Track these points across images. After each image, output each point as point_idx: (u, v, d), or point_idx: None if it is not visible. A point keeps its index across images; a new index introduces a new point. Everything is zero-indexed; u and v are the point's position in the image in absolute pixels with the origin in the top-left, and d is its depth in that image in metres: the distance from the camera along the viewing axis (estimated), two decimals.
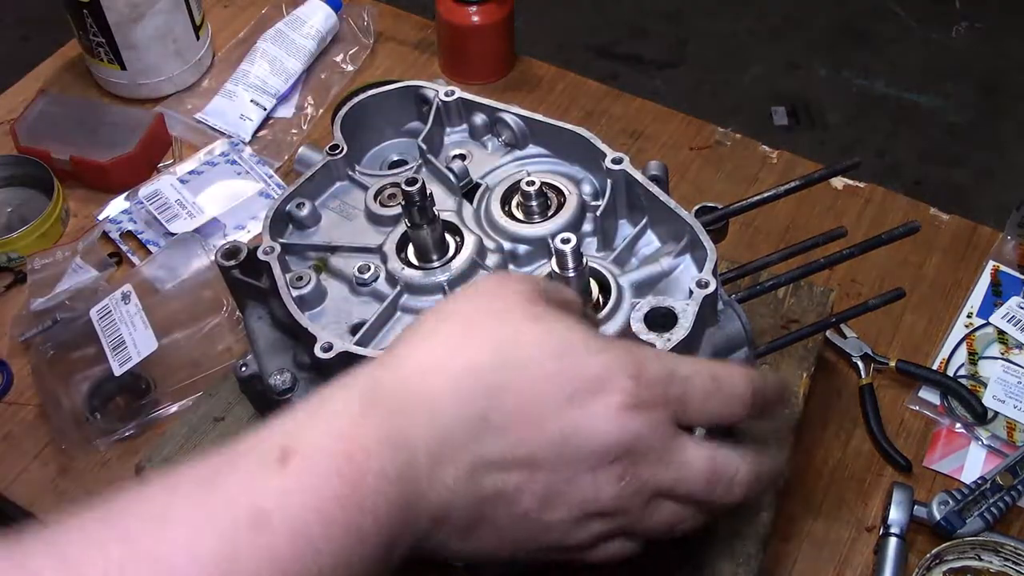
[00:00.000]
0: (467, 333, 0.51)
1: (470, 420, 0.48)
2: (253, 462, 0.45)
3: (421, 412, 0.48)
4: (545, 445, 0.49)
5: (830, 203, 1.08)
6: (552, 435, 0.49)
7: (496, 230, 0.72)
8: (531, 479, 0.49)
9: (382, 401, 0.48)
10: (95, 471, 0.91)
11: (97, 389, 0.94)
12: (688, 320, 0.62)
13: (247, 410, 0.81)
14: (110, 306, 0.94)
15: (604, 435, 0.49)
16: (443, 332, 0.51)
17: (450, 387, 0.49)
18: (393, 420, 0.47)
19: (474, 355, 0.50)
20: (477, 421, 0.48)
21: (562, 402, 0.49)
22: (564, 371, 0.49)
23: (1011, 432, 0.90)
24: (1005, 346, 0.96)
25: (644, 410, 0.50)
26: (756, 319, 0.90)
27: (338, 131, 0.79)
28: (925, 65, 2.60)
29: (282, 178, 1.12)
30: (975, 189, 2.32)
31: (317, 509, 0.43)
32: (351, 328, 0.69)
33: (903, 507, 0.83)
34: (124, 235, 1.07)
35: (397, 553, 0.47)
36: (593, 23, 2.69)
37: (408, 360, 0.51)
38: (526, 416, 0.49)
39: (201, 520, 0.42)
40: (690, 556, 0.76)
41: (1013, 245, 1.03)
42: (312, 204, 0.76)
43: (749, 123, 2.47)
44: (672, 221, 0.69)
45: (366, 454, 0.46)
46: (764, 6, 2.76)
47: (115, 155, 1.09)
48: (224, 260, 0.73)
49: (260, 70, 1.20)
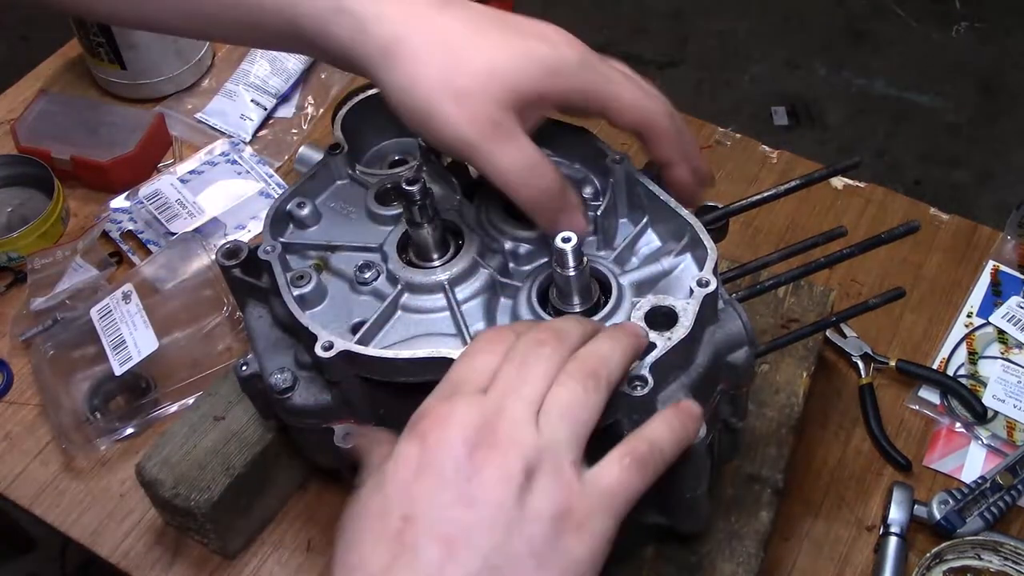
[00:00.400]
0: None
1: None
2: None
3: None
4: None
5: (830, 203, 1.08)
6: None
7: (497, 229, 0.72)
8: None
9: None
10: (95, 471, 0.91)
11: (97, 389, 0.94)
12: (689, 319, 0.62)
13: (247, 409, 0.81)
14: (110, 305, 0.95)
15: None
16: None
17: None
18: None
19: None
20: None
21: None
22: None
23: (1011, 432, 0.90)
24: (1005, 346, 0.96)
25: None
26: (756, 318, 0.90)
27: (338, 130, 0.79)
28: (925, 65, 2.60)
29: (282, 178, 1.12)
30: (975, 189, 2.32)
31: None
32: (352, 327, 0.69)
33: (903, 506, 0.83)
34: (124, 235, 1.07)
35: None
36: (593, 23, 2.70)
37: None
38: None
39: None
40: (690, 556, 0.76)
41: (1013, 245, 1.03)
42: (313, 203, 0.76)
43: (749, 123, 2.47)
44: (673, 220, 0.70)
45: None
46: (764, 6, 2.76)
47: (115, 155, 1.09)
48: (224, 259, 0.73)
49: (260, 70, 1.20)
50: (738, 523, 0.78)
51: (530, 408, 0.51)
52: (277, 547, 0.85)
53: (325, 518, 0.86)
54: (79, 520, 0.88)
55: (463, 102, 0.61)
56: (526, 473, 0.49)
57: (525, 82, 0.62)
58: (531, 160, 0.63)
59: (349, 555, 0.49)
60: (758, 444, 0.82)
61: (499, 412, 0.51)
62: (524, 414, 0.51)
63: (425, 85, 0.61)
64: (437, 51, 0.61)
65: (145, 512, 0.87)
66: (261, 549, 0.85)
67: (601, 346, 0.56)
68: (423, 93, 0.61)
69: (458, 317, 0.68)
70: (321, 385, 0.69)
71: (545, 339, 0.55)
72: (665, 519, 0.70)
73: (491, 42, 0.62)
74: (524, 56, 0.62)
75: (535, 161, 0.63)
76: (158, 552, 0.85)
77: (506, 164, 0.62)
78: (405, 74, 0.61)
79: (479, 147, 0.62)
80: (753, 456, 0.82)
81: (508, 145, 0.62)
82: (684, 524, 0.71)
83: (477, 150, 0.62)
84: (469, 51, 0.62)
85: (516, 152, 0.62)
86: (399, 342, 0.68)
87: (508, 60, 0.62)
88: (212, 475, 0.79)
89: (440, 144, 0.64)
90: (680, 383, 0.63)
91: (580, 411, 0.52)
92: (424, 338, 0.68)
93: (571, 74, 0.63)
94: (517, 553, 0.48)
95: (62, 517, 0.88)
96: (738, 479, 0.80)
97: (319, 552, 0.84)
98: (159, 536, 0.86)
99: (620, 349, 0.56)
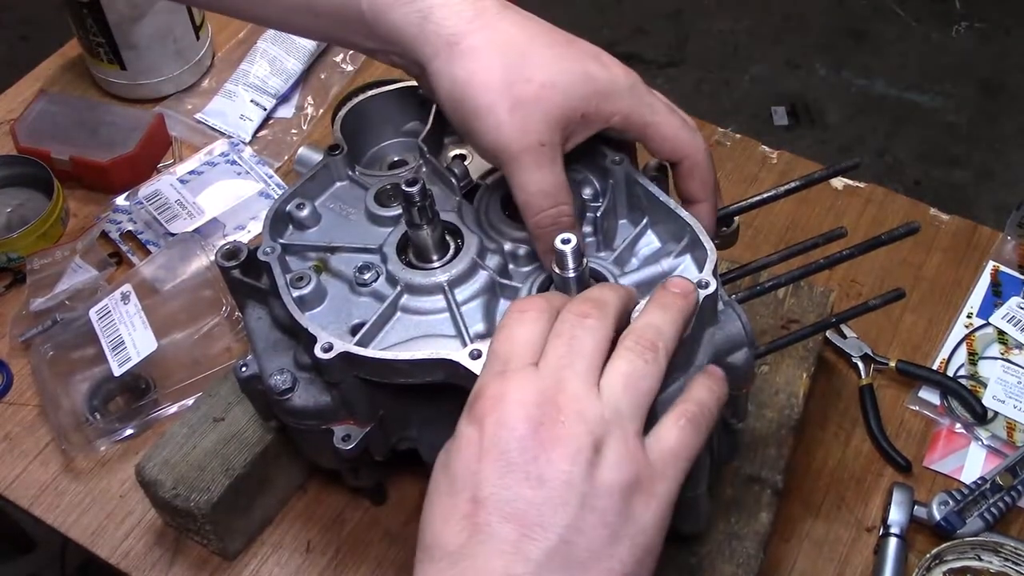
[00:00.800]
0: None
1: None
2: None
3: None
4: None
5: (830, 203, 1.08)
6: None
7: (496, 231, 0.72)
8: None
9: None
10: (95, 472, 0.91)
11: (97, 389, 0.94)
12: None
13: (247, 410, 0.81)
14: (110, 306, 0.94)
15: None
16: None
17: None
18: None
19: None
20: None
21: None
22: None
23: (1011, 432, 0.90)
24: (1005, 346, 0.96)
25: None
26: (756, 319, 0.90)
27: (338, 131, 0.79)
28: (925, 65, 2.60)
29: (282, 178, 1.12)
30: (975, 189, 2.32)
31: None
32: (351, 328, 0.69)
33: (903, 507, 0.83)
34: (124, 235, 1.07)
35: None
36: (593, 23, 2.70)
37: None
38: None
39: None
40: (690, 558, 0.76)
41: (1013, 245, 1.03)
42: (312, 204, 0.76)
43: (749, 123, 2.47)
44: (672, 221, 0.69)
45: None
46: (764, 6, 2.76)
47: (115, 155, 1.09)
48: (224, 260, 0.73)
49: (260, 70, 1.20)
50: (738, 524, 0.78)
51: (589, 380, 0.52)
52: (277, 548, 0.85)
53: (325, 519, 0.86)
54: (79, 521, 0.88)
55: (517, 112, 0.62)
56: (594, 447, 0.50)
57: (578, 102, 0.63)
58: (556, 189, 0.64)
59: (424, 534, 0.50)
60: (758, 445, 0.82)
61: (558, 387, 0.51)
62: (584, 388, 0.51)
63: (484, 84, 0.62)
64: (501, 53, 0.62)
65: (145, 513, 0.87)
66: (261, 550, 0.85)
67: (653, 318, 0.57)
68: (480, 92, 0.62)
69: (458, 318, 0.68)
70: (321, 386, 0.69)
71: (587, 310, 0.55)
72: None
73: (552, 55, 0.63)
74: (582, 75, 0.63)
75: (559, 192, 0.64)
76: (158, 553, 0.85)
77: (534, 186, 0.63)
78: (465, 69, 0.62)
79: (517, 161, 0.63)
80: (753, 457, 0.82)
81: (543, 169, 0.63)
82: (684, 525, 0.71)
83: (514, 163, 0.63)
84: (532, 60, 0.63)
85: (549, 177, 0.63)
86: (399, 343, 0.68)
87: (566, 76, 0.63)
88: (212, 476, 0.79)
89: (479, 144, 0.65)
90: (680, 384, 0.63)
91: (641, 381, 0.53)
92: (424, 339, 0.68)
93: (620, 99, 0.65)
94: (591, 526, 0.48)
95: (62, 518, 0.88)
96: (738, 480, 0.80)
97: (319, 553, 0.84)
98: (159, 537, 0.86)
99: (671, 317, 0.57)
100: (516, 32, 0.64)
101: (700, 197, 0.70)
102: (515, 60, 0.62)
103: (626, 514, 0.49)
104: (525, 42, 0.63)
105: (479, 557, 0.48)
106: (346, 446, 0.70)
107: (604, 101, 0.64)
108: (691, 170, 0.69)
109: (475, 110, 0.63)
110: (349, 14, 0.66)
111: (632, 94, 0.65)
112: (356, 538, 0.85)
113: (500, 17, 0.64)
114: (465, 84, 0.62)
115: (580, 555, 0.48)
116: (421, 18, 0.63)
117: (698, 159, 0.68)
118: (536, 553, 0.47)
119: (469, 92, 0.62)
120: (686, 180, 0.70)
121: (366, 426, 0.70)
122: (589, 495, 0.49)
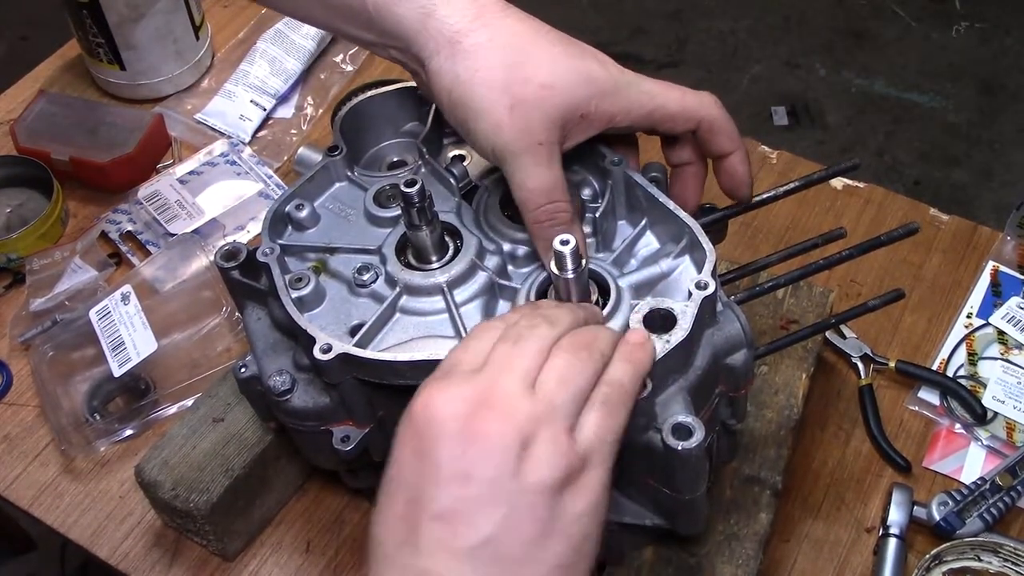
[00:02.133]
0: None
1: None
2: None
3: None
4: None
5: (830, 203, 1.08)
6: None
7: (495, 232, 0.72)
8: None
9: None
10: (95, 472, 0.91)
11: (97, 390, 0.94)
12: (687, 321, 0.62)
13: (247, 411, 0.81)
14: (109, 307, 0.94)
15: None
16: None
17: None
18: None
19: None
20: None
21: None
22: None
23: (1011, 432, 0.90)
24: (1005, 346, 0.96)
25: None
26: (756, 320, 0.90)
27: (337, 132, 0.79)
28: (925, 65, 2.60)
29: (282, 178, 1.12)
30: (975, 189, 2.32)
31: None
32: (350, 329, 0.69)
33: (903, 508, 0.83)
34: (123, 236, 1.07)
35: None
36: (593, 23, 2.69)
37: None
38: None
39: None
40: (689, 558, 0.76)
41: (1013, 245, 1.03)
42: (311, 205, 0.76)
43: (749, 123, 2.47)
44: (671, 222, 0.69)
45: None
46: (764, 6, 2.76)
47: (115, 155, 1.09)
48: (223, 261, 0.73)
49: (260, 70, 1.20)
50: (737, 525, 0.78)
51: (524, 380, 0.53)
52: (276, 548, 0.85)
53: (324, 520, 0.86)
54: (78, 521, 0.88)
55: (517, 111, 0.62)
56: (522, 444, 0.50)
57: (578, 102, 0.64)
58: (554, 186, 0.65)
59: (372, 533, 0.51)
60: (757, 446, 0.82)
61: (492, 387, 0.52)
62: (518, 387, 0.52)
63: (484, 83, 0.62)
64: (502, 52, 0.63)
65: (144, 513, 0.87)
66: (260, 550, 0.85)
67: (589, 326, 0.59)
68: (481, 90, 0.63)
69: (457, 319, 0.68)
70: (320, 387, 0.69)
71: (538, 323, 0.57)
72: (664, 521, 0.70)
73: (552, 55, 0.64)
74: (581, 75, 0.64)
75: (557, 189, 0.65)
76: (157, 553, 0.85)
77: (532, 183, 0.64)
78: (466, 67, 0.63)
79: (516, 160, 0.63)
80: (752, 458, 0.82)
81: (541, 167, 0.64)
82: (683, 526, 0.71)
83: (513, 162, 0.64)
84: (533, 60, 0.63)
85: (546, 175, 0.64)
86: (398, 344, 0.68)
87: (566, 76, 0.63)
88: (211, 477, 0.79)
89: (477, 143, 0.65)
90: (679, 385, 0.63)
91: (576, 377, 0.54)
92: (423, 340, 0.68)
93: (619, 97, 0.65)
94: (521, 523, 0.49)
95: (61, 518, 0.88)
96: (737, 481, 0.80)
97: (318, 553, 0.84)
98: (158, 537, 0.86)
99: (608, 330, 0.59)
100: (517, 32, 0.64)
101: (729, 148, 0.70)
102: (516, 60, 0.63)
103: (558, 509, 0.50)
104: (526, 42, 0.64)
105: (411, 557, 0.49)
106: (345, 447, 0.69)
107: (604, 101, 0.65)
108: (711, 128, 0.69)
109: (475, 109, 0.63)
110: (354, 3, 0.66)
111: (630, 90, 0.66)
112: (356, 538, 0.85)
113: (501, 17, 0.64)
114: (466, 82, 0.63)
115: (512, 552, 0.48)
116: (424, 14, 0.64)
117: (713, 115, 0.69)
118: (464, 551, 0.48)
119: (469, 90, 0.63)
120: (711, 140, 0.70)
121: (365, 427, 0.70)
122: (517, 492, 0.49)
